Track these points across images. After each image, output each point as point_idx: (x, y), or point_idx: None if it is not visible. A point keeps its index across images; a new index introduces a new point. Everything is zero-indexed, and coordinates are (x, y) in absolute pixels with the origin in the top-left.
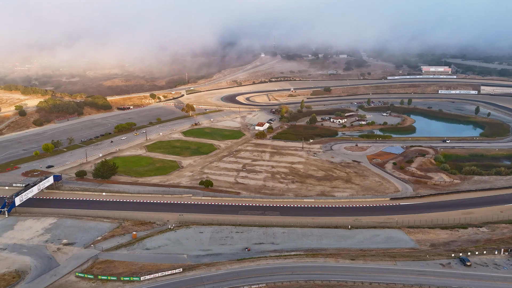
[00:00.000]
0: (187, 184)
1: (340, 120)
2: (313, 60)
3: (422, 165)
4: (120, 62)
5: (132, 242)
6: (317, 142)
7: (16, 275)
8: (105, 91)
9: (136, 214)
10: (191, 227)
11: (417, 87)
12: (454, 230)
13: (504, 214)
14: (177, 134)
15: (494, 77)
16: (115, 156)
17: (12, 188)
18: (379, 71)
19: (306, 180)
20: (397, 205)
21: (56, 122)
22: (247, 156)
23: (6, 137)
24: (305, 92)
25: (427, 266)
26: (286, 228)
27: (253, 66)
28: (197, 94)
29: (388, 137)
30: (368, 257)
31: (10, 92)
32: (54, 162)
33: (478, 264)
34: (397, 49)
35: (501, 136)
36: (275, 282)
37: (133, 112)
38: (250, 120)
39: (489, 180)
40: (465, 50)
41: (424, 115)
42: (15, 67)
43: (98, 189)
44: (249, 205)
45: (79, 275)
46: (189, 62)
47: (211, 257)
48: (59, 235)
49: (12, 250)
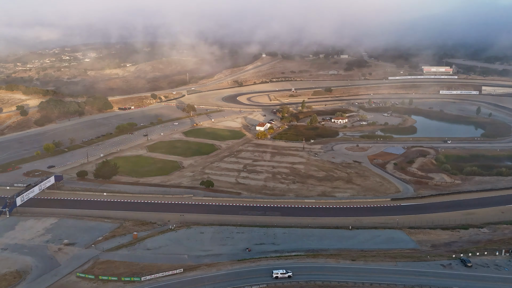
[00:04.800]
0: (188, 184)
1: (341, 120)
2: (314, 60)
3: (423, 166)
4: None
5: (133, 242)
6: (318, 143)
7: (17, 275)
8: (106, 91)
9: (137, 214)
10: (192, 227)
11: (418, 87)
12: (455, 231)
13: (505, 214)
14: (178, 134)
15: (495, 77)
16: (116, 156)
17: (13, 188)
18: (380, 71)
19: (307, 180)
20: (398, 205)
21: (57, 122)
22: (248, 156)
23: (7, 137)
24: (306, 92)
25: (428, 267)
26: (287, 229)
27: (254, 66)
28: (198, 94)
29: (389, 137)
30: (369, 257)
31: (11, 92)
32: (55, 162)
33: (479, 265)
34: (398, 49)
35: (503, 136)
36: (275, 282)
37: (134, 112)
38: (251, 121)
39: (490, 180)
40: (466, 50)
41: (425, 116)
42: (16, 67)
43: (99, 189)
44: (250, 206)
45: (80, 275)
46: (190, 62)
47: (212, 258)
48: (60, 235)
49: (13, 250)
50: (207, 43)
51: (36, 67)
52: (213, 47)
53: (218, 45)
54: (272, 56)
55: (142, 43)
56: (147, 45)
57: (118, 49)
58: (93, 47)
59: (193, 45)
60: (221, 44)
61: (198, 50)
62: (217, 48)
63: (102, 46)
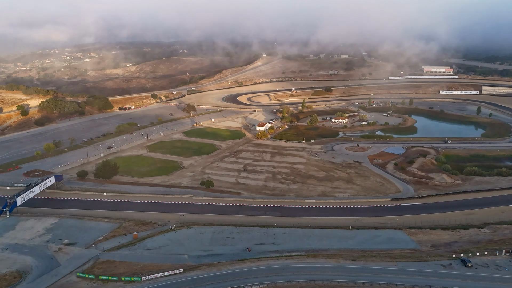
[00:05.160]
0: (188, 185)
1: (341, 120)
2: (314, 60)
3: (423, 166)
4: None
5: (133, 242)
6: (318, 143)
7: (17, 275)
8: (106, 91)
9: (137, 214)
10: (192, 227)
11: (419, 87)
12: (455, 231)
13: (505, 215)
14: (178, 134)
15: (495, 78)
16: (117, 156)
17: (13, 188)
18: (380, 71)
19: (307, 180)
20: (398, 205)
21: (58, 122)
22: (248, 156)
23: (7, 137)
24: (306, 92)
25: (428, 267)
26: (287, 229)
27: (254, 66)
28: (198, 94)
29: (389, 137)
30: (369, 257)
31: (12, 92)
32: (55, 162)
33: (479, 265)
34: (399, 49)
35: (503, 136)
36: (275, 282)
37: (134, 112)
38: (251, 121)
39: (490, 180)
40: (466, 50)
41: (426, 116)
42: (17, 67)
43: (99, 189)
44: (250, 206)
45: (80, 275)
46: (190, 62)
47: (212, 258)
48: (60, 235)
49: (14, 250)
50: (208, 43)
51: (36, 67)
52: (214, 47)
53: (218, 45)
54: (272, 56)
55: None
56: (147, 45)
57: (118, 49)
58: (94, 47)
59: (193, 45)
60: (222, 44)
61: (198, 50)
62: (218, 48)
63: (102, 46)
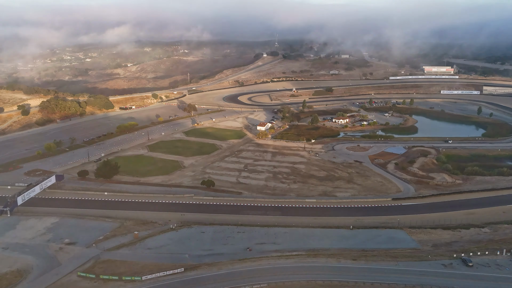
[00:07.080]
0: (189, 184)
1: (342, 120)
2: (315, 60)
3: (424, 166)
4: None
5: (133, 241)
6: (319, 142)
7: (18, 274)
8: (107, 91)
9: (138, 214)
10: (192, 227)
11: (419, 87)
12: (456, 231)
13: (506, 214)
14: (179, 134)
15: (496, 78)
16: (117, 156)
17: (14, 187)
18: (381, 71)
19: (308, 180)
20: (399, 205)
21: (59, 122)
22: (249, 156)
23: (8, 137)
24: (307, 92)
25: (429, 267)
26: (287, 228)
27: (255, 66)
28: (199, 94)
29: (390, 137)
30: (370, 257)
31: (12, 92)
32: (56, 161)
33: (480, 264)
34: (399, 49)
35: (504, 136)
36: (276, 282)
37: (135, 112)
38: (252, 120)
39: (491, 180)
40: (467, 50)
41: (426, 115)
42: (17, 67)
43: (100, 188)
44: (251, 205)
45: (81, 274)
46: (191, 62)
47: (213, 257)
48: (61, 235)
49: (14, 250)
50: (208, 43)
51: (37, 67)
52: (214, 47)
53: (219, 45)
54: (273, 56)
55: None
56: (148, 45)
57: (119, 49)
58: (94, 47)
59: (194, 44)
60: (222, 44)
61: (199, 49)
62: (218, 48)
63: (103, 46)
